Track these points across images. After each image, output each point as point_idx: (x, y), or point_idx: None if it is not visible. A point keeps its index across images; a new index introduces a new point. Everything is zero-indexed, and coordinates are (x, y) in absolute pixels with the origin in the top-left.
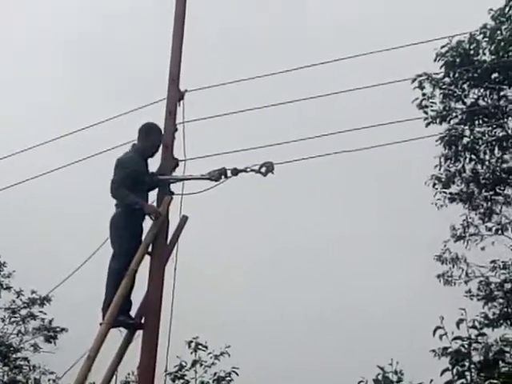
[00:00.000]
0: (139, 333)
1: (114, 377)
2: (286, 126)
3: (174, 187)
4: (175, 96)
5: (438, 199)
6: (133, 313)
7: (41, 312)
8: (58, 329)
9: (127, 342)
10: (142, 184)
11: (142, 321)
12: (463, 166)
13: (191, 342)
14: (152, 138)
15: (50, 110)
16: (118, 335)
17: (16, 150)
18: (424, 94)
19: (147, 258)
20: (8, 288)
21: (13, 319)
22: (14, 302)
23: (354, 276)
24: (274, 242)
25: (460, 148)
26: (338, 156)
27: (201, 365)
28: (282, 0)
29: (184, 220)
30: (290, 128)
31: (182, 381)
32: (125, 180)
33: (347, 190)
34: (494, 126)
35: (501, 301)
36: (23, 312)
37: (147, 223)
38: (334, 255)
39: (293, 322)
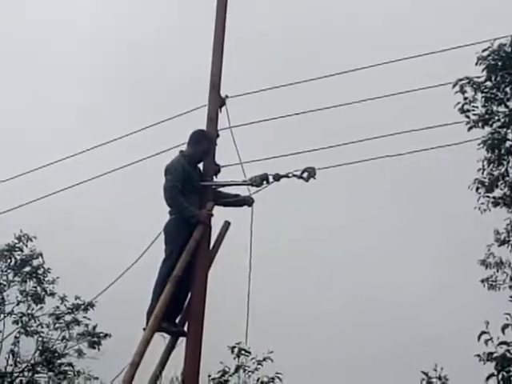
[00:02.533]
0: (183, 339)
1: (158, 382)
2: (327, 131)
3: None
4: (216, 102)
5: (482, 203)
6: None
7: (85, 318)
8: (101, 334)
9: (170, 348)
10: (192, 188)
11: (185, 328)
12: (506, 169)
13: (234, 347)
14: (202, 144)
15: (88, 120)
16: (162, 340)
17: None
18: (466, 98)
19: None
20: (52, 294)
21: (57, 325)
22: (58, 307)
23: (397, 283)
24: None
25: (503, 151)
26: (380, 161)
27: (244, 370)
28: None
29: (226, 226)
30: (332, 133)
31: None
32: (177, 185)
33: (392, 194)
34: None
35: None
36: (67, 318)
37: None
38: (373, 261)
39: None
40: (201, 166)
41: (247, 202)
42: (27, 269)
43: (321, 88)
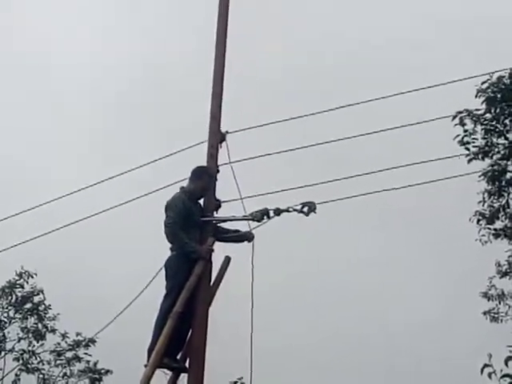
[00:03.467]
0: (184, 375)
1: None
2: (327, 165)
3: None
4: (216, 138)
5: (483, 235)
6: None
7: (86, 354)
8: (103, 371)
9: None
10: (193, 223)
11: (187, 364)
12: (507, 201)
13: (236, 382)
14: (203, 180)
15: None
16: (164, 377)
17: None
18: (465, 131)
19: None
20: (53, 330)
21: (58, 362)
22: (59, 344)
23: (396, 315)
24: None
25: (503, 183)
26: (381, 195)
27: None
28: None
29: (227, 261)
30: (333, 167)
31: None
32: (177, 221)
33: (392, 227)
34: None
35: None
36: (68, 354)
37: None
38: (378, 292)
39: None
40: (201, 201)
41: (247, 237)
42: (28, 305)
43: (323, 121)
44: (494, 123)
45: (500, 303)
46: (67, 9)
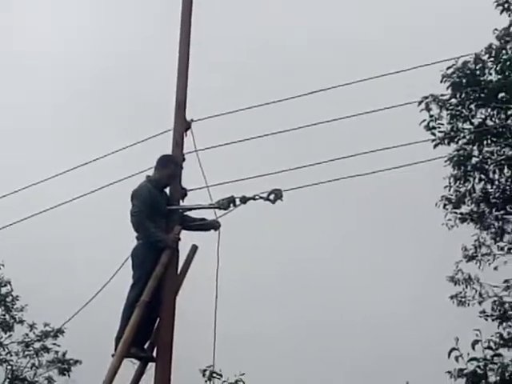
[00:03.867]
0: (152, 364)
1: None
2: (293, 151)
3: None
4: (182, 126)
5: (449, 220)
6: None
7: (54, 344)
8: (71, 361)
9: (140, 374)
10: (159, 212)
11: (154, 353)
12: (473, 186)
13: (205, 370)
14: (168, 168)
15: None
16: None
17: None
18: (431, 116)
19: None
20: (21, 321)
21: (26, 353)
22: (27, 335)
23: (363, 302)
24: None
25: (469, 168)
26: (347, 181)
27: None
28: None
29: (194, 250)
30: (297, 154)
31: None
32: (143, 210)
33: (358, 214)
34: (503, 145)
35: None
36: (37, 345)
37: None
38: (345, 281)
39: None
40: (168, 190)
41: (214, 225)
42: None
43: (287, 108)
44: (459, 108)
45: (467, 287)
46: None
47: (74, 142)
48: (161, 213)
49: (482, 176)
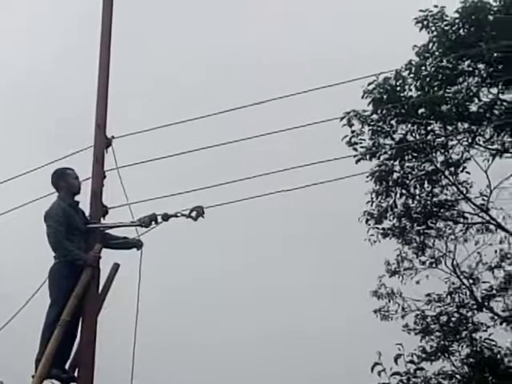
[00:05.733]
0: None
1: None
2: (215, 168)
3: None
4: (102, 143)
5: (371, 235)
6: None
7: None
8: None
9: None
10: (76, 230)
11: (76, 373)
12: (394, 201)
13: None
14: (65, 177)
15: None
16: None
17: None
18: (353, 131)
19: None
20: None
21: None
22: None
23: (289, 316)
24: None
25: (391, 183)
26: (270, 198)
27: None
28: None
29: (116, 268)
30: (219, 171)
31: None
32: (59, 229)
33: (282, 229)
34: (423, 160)
35: (438, 334)
36: None
37: None
38: (271, 293)
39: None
40: (87, 208)
41: (136, 244)
42: None
43: (210, 125)
44: (380, 124)
45: (390, 301)
46: None
47: None
48: (78, 231)
49: (404, 191)
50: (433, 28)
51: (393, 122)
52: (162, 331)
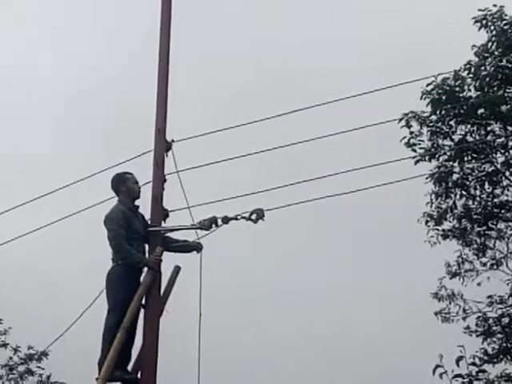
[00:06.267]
0: None
1: None
2: (274, 171)
3: None
4: (162, 146)
5: (431, 236)
6: None
7: (38, 367)
8: None
9: None
10: (135, 234)
11: (139, 375)
12: (454, 202)
13: None
14: (126, 181)
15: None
16: None
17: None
18: (412, 133)
19: None
20: (5, 345)
21: (11, 376)
22: (11, 358)
23: (347, 319)
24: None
25: (450, 184)
26: (329, 200)
27: None
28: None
29: (177, 270)
30: (278, 174)
31: None
32: (120, 232)
33: (340, 232)
34: (483, 161)
35: (499, 336)
36: (21, 368)
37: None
38: (329, 300)
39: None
40: (148, 212)
41: (196, 247)
42: None
43: (269, 128)
44: (439, 125)
45: (450, 303)
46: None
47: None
48: (138, 235)
49: (463, 192)
50: (492, 27)
51: (452, 122)
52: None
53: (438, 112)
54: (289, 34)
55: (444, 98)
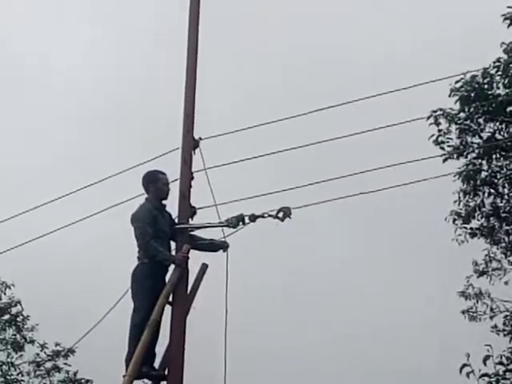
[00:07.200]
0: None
1: None
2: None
3: None
4: (190, 144)
5: (459, 235)
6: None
7: (65, 364)
8: (82, 381)
9: None
10: (161, 232)
11: (166, 372)
12: (482, 200)
13: None
14: (157, 180)
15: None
16: None
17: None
18: (440, 130)
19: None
20: (32, 341)
21: (38, 372)
22: (38, 355)
23: (374, 316)
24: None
25: (478, 182)
26: (356, 198)
27: None
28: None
29: (204, 268)
30: (306, 172)
31: None
32: (147, 230)
33: (368, 229)
34: None
35: None
36: (48, 365)
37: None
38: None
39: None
40: (171, 209)
41: (222, 246)
42: (6, 317)
43: (297, 126)
44: (468, 122)
45: (478, 302)
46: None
47: (78, 167)
48: (163, 233)
49: (492, 190)
50: None
51: (480, 120)
52: (250, 334)
53: (466, 109)
54: (317, 33)
55: (473, 95)
